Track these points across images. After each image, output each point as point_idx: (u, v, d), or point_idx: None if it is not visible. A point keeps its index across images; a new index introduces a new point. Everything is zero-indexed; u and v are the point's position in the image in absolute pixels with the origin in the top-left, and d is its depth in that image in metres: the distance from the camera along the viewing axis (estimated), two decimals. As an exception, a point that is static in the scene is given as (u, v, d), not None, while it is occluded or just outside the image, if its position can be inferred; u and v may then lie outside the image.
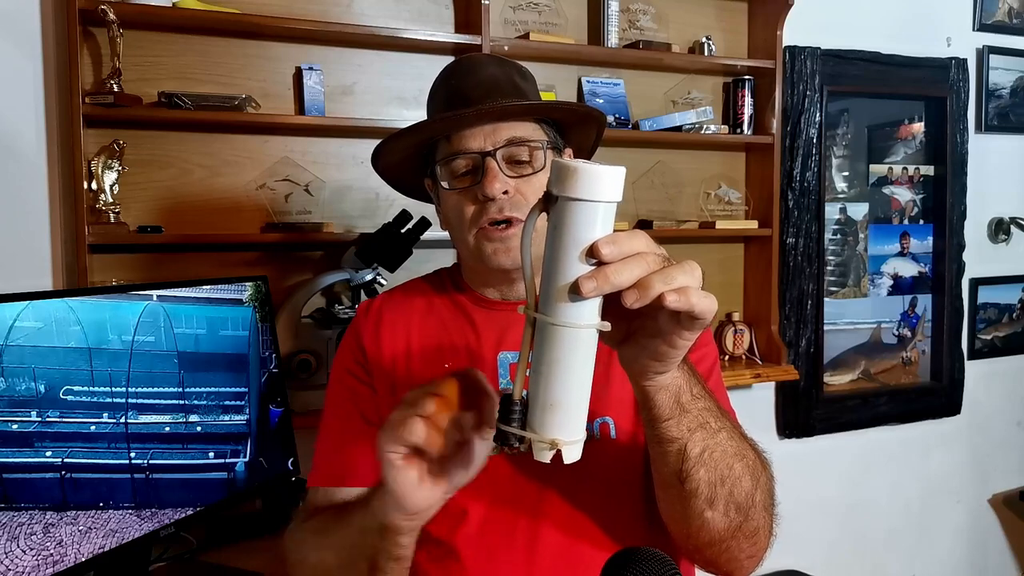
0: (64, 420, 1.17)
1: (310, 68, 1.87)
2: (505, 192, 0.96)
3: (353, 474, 1.00)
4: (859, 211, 2.60)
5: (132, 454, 1.26)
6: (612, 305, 0.60)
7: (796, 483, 2.07)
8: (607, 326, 0.60)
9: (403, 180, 1.13)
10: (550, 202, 0.60)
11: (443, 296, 1.09)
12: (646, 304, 0.58)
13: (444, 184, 1.00)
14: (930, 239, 2.72)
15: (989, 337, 2.84)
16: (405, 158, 1.07)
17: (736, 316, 2.38)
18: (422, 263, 1.97)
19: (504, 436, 0.63)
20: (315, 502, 1.02)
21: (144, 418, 1.29)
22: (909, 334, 2.70)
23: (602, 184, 0.58)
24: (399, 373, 1.04)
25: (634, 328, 0.65)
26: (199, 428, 1.38)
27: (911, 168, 2.68)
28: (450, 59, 2.02)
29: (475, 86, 1.00)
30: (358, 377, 1.06)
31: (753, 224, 2.31)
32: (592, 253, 0.58)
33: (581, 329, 0.59)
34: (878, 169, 2.63)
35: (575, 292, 0.58)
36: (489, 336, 1.03)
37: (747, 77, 2.31)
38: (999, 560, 2.92)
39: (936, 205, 2.70)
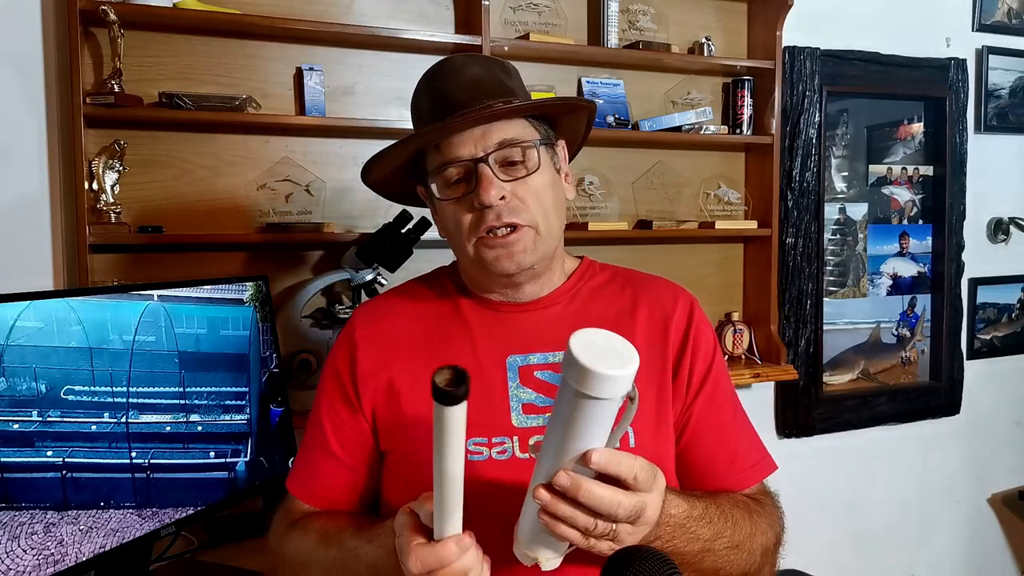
0: (65, 420, 1.17)
1: (310, 68, 1.87)
2: (502, 198, 0.93)
3: (314, 495, 1.05)
4: (858, 211, 2.60)
5: (133, 454, 1.27)
6: None
7: (795, 483, 2.08)
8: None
9: (393, 188, 1.11)
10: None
11: (443, 300, 1.07)
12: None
13: (438, 194, 0.98)
14: (929, 239, 2.72)
15: (988, 337, 2.84)
16: (395, 169, 1.04)
17: (735, 316, 2.38)
18: (422, 263, 1.97)
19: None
20: (297, 508, 1.06)
21: (145, 418, 1.29)
22: (908, 334, 2.70)
23: (611, 386, 0.65)
24: (398, 381, 1.01)
25: None
26: (200, 428, 1.38)
27: (910, 168, 2.68)
28: (450, 59, 2.03)
29: (460, 89, 0.96)
30: (340, 396, 1.04)
31: (752, 224, 2.32)
32: (584, 460, 0.70)
33: None
34: (877, 169, 2.63)
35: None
36: (496, 340, 1.02)
37: (746, 77, 2.31)
38: (998, 560, 2.93)
39: (935, 205, 2.70)
